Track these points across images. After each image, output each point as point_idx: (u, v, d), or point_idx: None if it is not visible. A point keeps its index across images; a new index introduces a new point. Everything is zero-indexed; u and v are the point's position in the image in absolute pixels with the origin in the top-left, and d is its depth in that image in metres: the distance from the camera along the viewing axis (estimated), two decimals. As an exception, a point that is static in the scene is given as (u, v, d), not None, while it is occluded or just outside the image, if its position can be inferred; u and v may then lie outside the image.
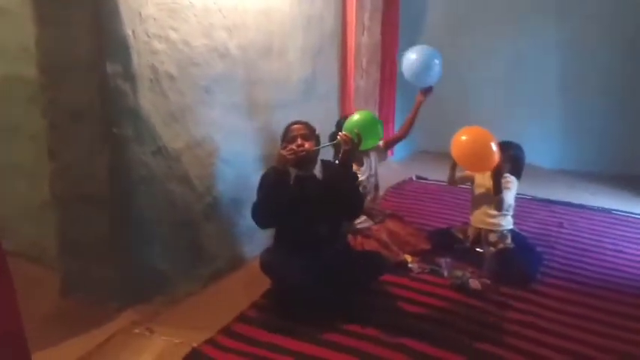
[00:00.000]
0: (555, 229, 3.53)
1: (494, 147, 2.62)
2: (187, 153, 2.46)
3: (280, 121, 2.78)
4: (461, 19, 5.23)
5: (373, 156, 3.09)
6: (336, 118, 3.28)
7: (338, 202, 2.39)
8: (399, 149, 5.13)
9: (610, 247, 3.24)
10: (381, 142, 3.15)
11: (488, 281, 2.63)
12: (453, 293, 2.60)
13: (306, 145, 2.37)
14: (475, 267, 2.76)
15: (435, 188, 4.36)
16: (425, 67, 3.02)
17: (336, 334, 2.23)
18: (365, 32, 4.26)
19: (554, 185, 4.55)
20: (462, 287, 2.62)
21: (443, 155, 3.33)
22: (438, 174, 4.68)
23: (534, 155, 5.03)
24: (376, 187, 3.11)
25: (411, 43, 5.05)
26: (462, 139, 2.68)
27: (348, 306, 2.39)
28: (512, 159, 2.93)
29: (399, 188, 4.37)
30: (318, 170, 2.50)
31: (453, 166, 3.03)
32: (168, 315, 2.34)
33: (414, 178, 4.63)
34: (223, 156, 2.68)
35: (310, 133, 2.46)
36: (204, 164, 2.57)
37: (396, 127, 4.91)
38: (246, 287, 2.56)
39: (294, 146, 2.34)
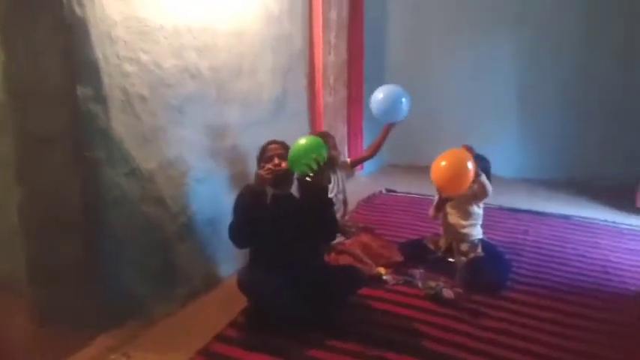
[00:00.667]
0: (521, 236, 3.66)
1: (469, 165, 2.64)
2: (160, 173, 2.45)
3: (252, 140, 2.82)
4: (421, 34, 5.42)
5: (340, 173, 3.15)
6: (306, 134, 3.32)
7: (315, 223, 2.43)
8: (368, 164, 5.21)
9: (572, 252, 3.38)
10: (348, 160, 3.23)
11: (460, 290, 2.70)
12: (427, 303, 2.66)
13: (283, 164, 2.40)
14: (447, 277, 2.83)
15: (404, 200, 4.45)
16: (392, 105, 3.10)
17: (316, 350, 2.24)
18: (332, 51, 4.35)
19: (517, 194, 4.70)
20: (436, 297, 2.68)
21: (410, 168, 3.41)
22: (406, 186, 4.80)
23: (496, 166, 5.21)
24: (344, 203, 3.17)
25: (375, 60, 5.23)
26: (442, 164, 2.64)
27: (327, 321, 2.41)
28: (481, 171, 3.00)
29: (369, 202, 4.43)
30: (294, 189, 2.53)
31: (441, 204, 3.00)
32: (145, 338, 2.31)
33: (384, 191, 4.71)
34: (196, 175, 2.69)
35: (286, 152, 2.49)
36: (177, 184, 2.57)
37: (365, 142, 5.01)
38: (223, 306, 2.55)
39: (271, 165, 2.37)
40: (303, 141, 2.37)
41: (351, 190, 4.60)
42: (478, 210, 3.00)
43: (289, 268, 2.43)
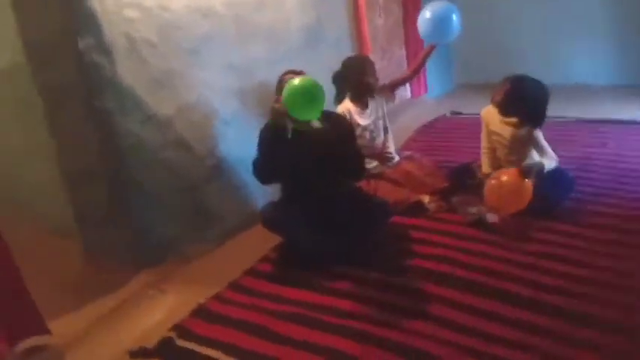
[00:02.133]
0: (597, 150, 3.25)
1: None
2: (181, 118, 2.48)
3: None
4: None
5: (379, 99, 2.96)
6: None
7: (337, 158, 2.35)
8: (435, 85, 4.91)
9: (658, 164, 2.94)
10: (386, 83, 3.02)
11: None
12: (470, 230, 2.50)
13: None
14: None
15: (469, 122, 4.11)
16: (441, 25, 2.76)
17: (339, 281, 2.22)
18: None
19: (603, 102, 4.17)
20: (479, 222, 2.50)
21: (482, 87, 3.12)
22: (475, 107, 4.42)
23: (584, 73, 4.63)
24: (386, 130, 2.99)
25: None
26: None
27: (351, 255, 2.36)
28: (528, 102, 2.56)
29: (430, 126, 4.19)
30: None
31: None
32: (181, 275, 2.44)
33: (448, 115, 4.41)
34: (223, 117, 2.69)
35: None
36: (201, 127, 2.59)
37: (428, 66, 4.65)
38: (258, 243, 2.58)
39: None
40: (295, 82, 2.08)
41: (416, 114, 4.43)
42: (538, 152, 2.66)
43: (313, 203, 2.39)
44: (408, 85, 4.59)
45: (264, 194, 2.78)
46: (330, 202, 2.41)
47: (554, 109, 3.98)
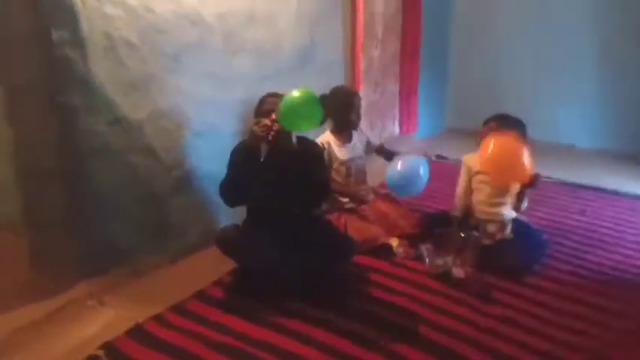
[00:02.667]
0: (575, 216, 3.20)
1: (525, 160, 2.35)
2: (151, 124, 2.37)
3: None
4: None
5: (362, 136, 2.90)
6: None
7: (307, 185, 2.31)
8: (423, 126, 4.86)
9: (632, 239, 2.89)
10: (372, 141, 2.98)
11: (472, 270, 2.39)
12: (434, 282, 2.40)
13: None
14: (460, 253, 2.51)
15: (451, 168, 4.05)
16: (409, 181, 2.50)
17: (288, 319, 2.11)
18: (380, -3, 3.97)
19: (586, 166, 4.15)
20: (444, 276, 2.42)
21: (471, 133, 3.05)
22: (462, 153, 4.38)
23: (570, 134, 4.62)
24: (364, 172, 2.92)
25: (436, 7, 4.73)
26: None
27: (308, 289, 2.25)
28: (518, 123, 2.69)
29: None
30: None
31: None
32: (128, 288, 2.31)
33: (434, 158, 4.35)
34: (195, 128, 2.59)
35: None
36: (172, 136, 2.49)
37: (420, 102, 4.63)
38: (215, 264, 2.45)
39: (267, 121, 2.20)
40: (295, 94, 2.15)
41: (401, 152, 4.34)
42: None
43: (277, 228, 2.30)
44: (396, 121, 4.55)
45: (229, 214, 2.66)
46: (295, 230, 2.32)
47: (540, 169, 3.98)
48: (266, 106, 2.34)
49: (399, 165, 2.49)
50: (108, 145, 2.22)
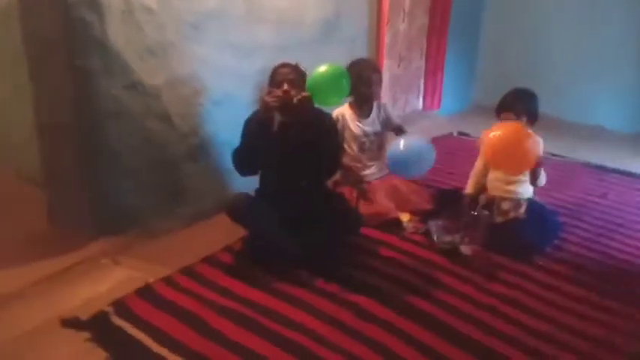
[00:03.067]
0: (595, 198, 3.13)
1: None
2: (168, 90, 2.42)
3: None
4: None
5: (381, 118, 2.87)
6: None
7: (318, 156, 2.31)
8: (448, 102, 4.78)
9: (651, 223, 2.82)
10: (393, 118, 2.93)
11: (479, 248, 2.39)
12: (440, 258, 2.41)
13: (293, 91, 2.22)
14: (470, 231, 2.50)
15: (471, 145, 4.00)
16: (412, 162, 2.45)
17: (294, 287, 2.15)
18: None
19: (616, 150, 4.03)
20: (451, 253, 2.41)
21: None
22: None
23: (606, 117, 4.48)
24: (379, 148, 2.90)
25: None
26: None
27: (316, 261, 2.28)
28: (530, 111, 2.59)
29: (434, 143, 4.03)
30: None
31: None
32: (142, 249, 2.39)
33: (455, 134, 4.29)
34: (213, 96, 2.62)
35: (298, 78, 2.31)
36: (188, 103, 2.53)
37: (446, 80, 4.55)
38: (227, 230, 2.50)
39: (279, 92, 2.21)
40: (323, 69, 2.29)
41: (422, 128, 4.29)
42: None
43: (288, 199, 2.33)
44: (420, 96, 4.49)
45: (243, 183, 2.70)
46: (304, 202, 2.34)
47: (564, 149, 3.89)
48: (278, 77, 2.33)
49: (400, 145, 2.45)
50: (124, 108, 2.28)
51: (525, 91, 2.63)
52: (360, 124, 2.82)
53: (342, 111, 2.80)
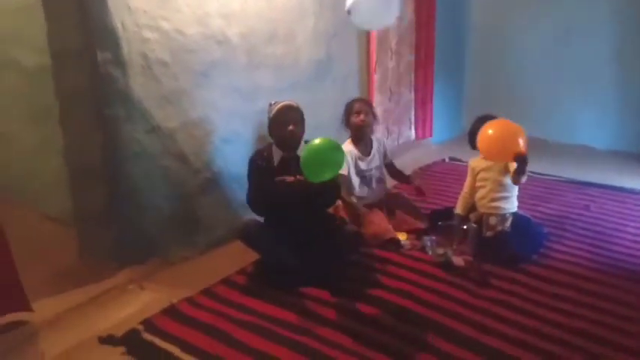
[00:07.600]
0: (579, 211, 3.37)
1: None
2: (183, 132, 2.70)
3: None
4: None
5: (380, 152, 3.16)
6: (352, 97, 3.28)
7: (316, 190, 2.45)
8: (439, 131, 5.08)
9: (633, 231, 3.04)
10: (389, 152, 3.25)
11: (470, 259, 2.62)
12: (436, 270, 2.63)
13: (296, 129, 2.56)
14: (460, 244, 2.73)
15: (463, 169, 4.26)
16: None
17: (303, 300, 2.38)
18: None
19: (600, 167, 4.29)
20: (445, 264, 2.64)
21: None
22: (477, 156, 4.57)
23: (590, 137, 4.76)
24: (379, 180, 3.18)
25: (449, 20, 4.96)
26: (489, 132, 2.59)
27: (323, 278, 2.51)
28: None
29: (427, 169, 4.35)
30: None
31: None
32: (162, 275, 2.64)
33: (447, 160, 4.57)
34: (222, 135, 2.91)
35: (299, 116, 2.61)
36: (201, 143, 2.81)
37: (435, 110, 4.86)
38: (240, 256, 2.74)
39: (291, 179, 2.46)
40: (317, 142, 2.19)
41: (415, 156, 4.58)
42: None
43: (294, 227, 2.58)
44: (412, 127, 4.79)
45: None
46: (308, 226, 2.59)
47: (550, 168, 4.14)
48: (283, 117, 2.57)
49: None
50: (145, 150, 2.56)
51: (487, 116, 2.84)
52: (363, 162, 3.10)
53: (349, 149, 3.06)
